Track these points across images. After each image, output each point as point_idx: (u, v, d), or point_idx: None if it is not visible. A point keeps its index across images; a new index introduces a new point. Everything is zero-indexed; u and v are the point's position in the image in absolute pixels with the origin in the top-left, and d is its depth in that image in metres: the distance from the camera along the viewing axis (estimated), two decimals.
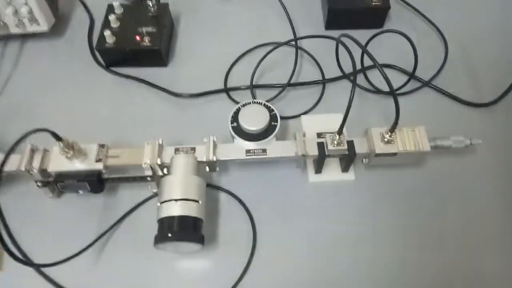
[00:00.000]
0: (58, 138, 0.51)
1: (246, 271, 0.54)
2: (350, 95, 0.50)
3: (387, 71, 0.71)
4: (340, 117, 0.67)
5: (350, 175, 0.61)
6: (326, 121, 0.66)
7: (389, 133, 0.55)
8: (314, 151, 0.57)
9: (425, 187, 0.60)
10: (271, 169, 0.62)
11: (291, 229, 0.57)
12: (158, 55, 0.70)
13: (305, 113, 0.68)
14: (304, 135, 0.57)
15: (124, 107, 0.69)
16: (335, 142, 0.55)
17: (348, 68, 0.70)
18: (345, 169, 0.61)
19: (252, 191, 0.60)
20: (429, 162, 0.62)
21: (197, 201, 0.51)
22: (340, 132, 0.54)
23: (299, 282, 0.54)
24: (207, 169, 0.57)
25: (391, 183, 0.61)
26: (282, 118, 0.66)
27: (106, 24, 0.71)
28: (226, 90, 0.70)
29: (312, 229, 0.57)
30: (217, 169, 0.58)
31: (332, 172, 0.62)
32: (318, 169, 0.60)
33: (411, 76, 0.64)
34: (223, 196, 0.60)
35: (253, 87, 0.69)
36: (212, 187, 0.60)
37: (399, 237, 0.57)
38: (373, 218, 0.58)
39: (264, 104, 0.60)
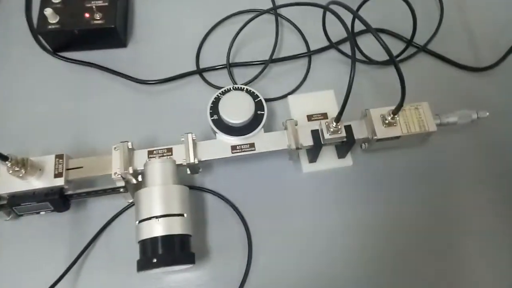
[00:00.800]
0: (3, 157, 0.42)
1: (245, 281, 0.49)
2: (350, 77, 0.43)
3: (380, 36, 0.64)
4: (331, 94, 0.61)
5: (347, 161, 0.56)
6: (316, 100, 0.59)
7: (392, 115, 0.49)
8: (308, 141, 0.50)
9: (430, 167, 0.55)
10: (260, 162, 0.55)
11: (289, 227, 0.52)
12: (114, 34, 0.59)
13: (291, 92, 0.60)
14: (296, 124, 0.50)
15: (80, 101, 0.59)
16: (331, 129, 0.49)
17: (334, 36, 0.62)
18: (341, 155, 0.55)
19: (241, 189, 0.53)
20: (433, 140, 0.57)
21: (181, 215, 0.44)
22: (338, 119, 0.48)
23: (303, 284, 0.50)
24: (188, 171, 0.49)
25: (393, 166, 0.55)
26: (266, 100, 0.58)
27: (45, 0, 0.59)
28: (199, 71, 0.60)
29: (311, 223, 0.52)
30: (200, 170, 0.50)
31: (328, 160, 0.55)
32: (313, 158, 0.54)
33: (410, 41, 0.57)
34: (209, 198, 0.53)
35: (230, 66, 0.60)
36: (195, 189, 0.53)
37: (406, 224, 0.52)
38: (376, 205, 0.53)
39: (247, 89, 0.52)
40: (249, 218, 0.52)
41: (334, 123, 0.48)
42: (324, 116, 0.56)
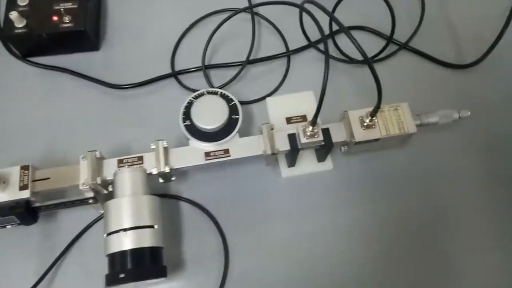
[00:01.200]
0: None
1: None
2: (324, 77, 0.41)
3: (360, 34, 0.62)
4: (311, 95, 0.59)
5: (327, 165, 0.54)
6: (295, 102, 0.57)
7: (370, 117, 0.47)
8: (285, 145, 0.48)
9: (411, 169, 0.54)
10: (238, 167, 0.53)
11: (268, 234, 0.50)
12: (85, 37, 0.57)
13: (270, 94, 0.58)
14: (272, 128, 0.48)
15: (50, 107, 0.57)
16: (308, 133, 0.47)
17: (314, 35, 0.60)
18: (321, 158, 0.53)
19: (218, 196, 0.52)
20: (414, 140, 0.55)
21: (151, 227, 0.43)
22: (314, 122, 0.46)
23: None
24: (160, 180, 0.48)
25: (374, 168, 0.54)
26: (244, 103, 0.57)
27: (11, 3, 0.56)
28: (174, 74, 0.59)
29: (290, 229, 0.51)
30: (173, 178, 0.48)
31: (307, 163, 0.54)
32: (291, 163, 0.52)
33: (389, 39, 0.55)
34: (185, 207, 0.51)
35: (206, 68, 0.58)
36: (169, 198, 0.51)
37: (388, 228, 0.51)
38: (357, 209, 0.52)
39: (221, 93, 0.50)
40: (226, 227, 0.50)
41: (310, 127, 0.46)
42: (304, 118, 0.54)
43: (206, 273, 0.48)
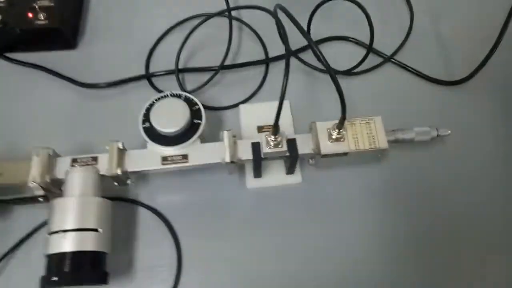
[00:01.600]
0: None
1: None
2: (282, 87, 0.39)
3: (342, 45, 0.60)
4: (287, 105, 0.57)
5: (296, 178, 0.51)
6: (269, 111, 0.53)
7: (337, 130, 0.44)
8: (247, 154, 0.46)
9: (387, 186, 0.51)
10: (201, 175, 0.51)
11: (226, 249, 0.47)
12: (61, 36, 0.57)
13: (245, 101, 0.56)
14: (234, 136, 0.46)
15: (19, 103, 0.56)
16: (272, 143, 0.45)
17: (296, 42, 0.58)
18: (289, 171, 0.50)
19: (177, 203, 0.49)
20: (391, 155, 0.52)
21: (95, 230, 0.41)
22: (275, 131, 0.43)
23: None
24: (115, 183, 0.46)
25: (347, 184, 0.51)
26: (216, 109, 0.55)
27: None
28: (148, 76, 0.57)
29: (251, 243, 0.48)
30: (129, 181, 0.46)
31: (275, 175, 0.51)
32: (257, 173, 0.50)
33: (368, 50, 0.52)
34: (142, 212, 0.49)
35: (179, 72, 0.57)
36: (125, 201, 0.49)
37: (359, 248, 0.48)
38: (326, 227, 0.48)
39: (186, 96, 0.48)
40: (182, 236, 0.48)
41: (273, 137, 0.44)
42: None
43: (156, 283, 0.46)
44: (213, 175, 0.51)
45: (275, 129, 0.43)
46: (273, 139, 0.44)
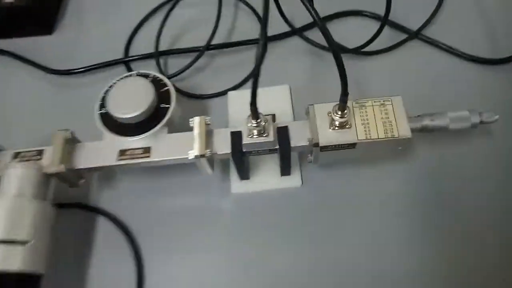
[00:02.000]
0: None
1: None
2: (256, 60, 0.29)
3: (357, 20, 0.49)
4: (286, 90, 0.46)
5: (294, 180, 0.40)
6: (265, 97, 0.42)
7: (340, 112, 0.33)
8: (226, 147, 0.36)
9: (411, 191, 0.39)
10: (178, 176, 0.41)
11: (199, 265, 0.37)
12: (35, 18, 0.50)
13: (236, 87, 0.47)
14: (208, 123, 0.36)
15: None
16: (254, 130, 0.34)
17: (299, 20, 0.49)
18: (283, 170, 0.40)
19: (147, 210, 0.40)
20: (417, 149, 0.40)
21: (25, 243, 0.32)
22: (255, 116, 0.33)
23: None
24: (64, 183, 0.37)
25: (357, 188, 0.39)
26: (203, 97, 0.46)
27: None
28: (125, 61, 0.49)
29: (234, 264, 0.37)
30: (82, 181, 0.38)
31: (268, 177, 0.41)
32: (243, 174, 0.40)
33: (384, 22, 0.41)
34: (101, 221, 0.40)
35: (160, 55, 0.48)
36: (81, 208, 0.41)
37: (372, 272, 0.36)
38: (330, 244, 0.37)
39: (154, 76, 0.39)
40: (146, 250, 0.38)
41: (254, 121, 0.34)
42: (272, 117, 0.42)
43: None
44: (193, 177, 0.41)
45: (254, 112, 0.32)
46: (255, 124, 0.34)
